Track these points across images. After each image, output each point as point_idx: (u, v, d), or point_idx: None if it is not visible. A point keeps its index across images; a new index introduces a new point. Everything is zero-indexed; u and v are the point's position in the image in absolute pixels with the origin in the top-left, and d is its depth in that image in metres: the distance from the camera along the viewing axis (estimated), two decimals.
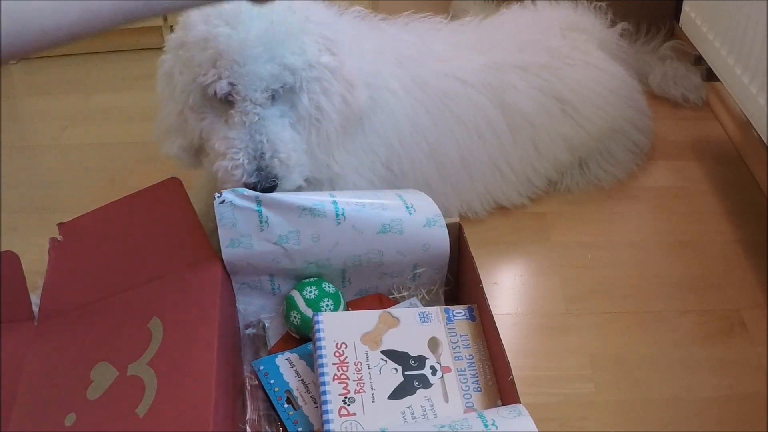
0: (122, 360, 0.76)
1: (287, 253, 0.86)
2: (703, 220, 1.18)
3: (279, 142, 0.87)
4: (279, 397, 0.77)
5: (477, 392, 0.76)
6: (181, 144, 0.94)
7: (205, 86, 0.86)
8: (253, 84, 0.85)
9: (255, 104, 0.86)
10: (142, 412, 0.69)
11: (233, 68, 0.84)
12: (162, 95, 0.95)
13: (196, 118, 0.91)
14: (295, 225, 0.85)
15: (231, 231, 0.84)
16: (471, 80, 1.09)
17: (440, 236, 0.90)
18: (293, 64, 0.87)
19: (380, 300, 0.91)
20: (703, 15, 1.22)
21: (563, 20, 1.25)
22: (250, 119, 0.86)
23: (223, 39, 0.83)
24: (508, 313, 1.02)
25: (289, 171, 0.88)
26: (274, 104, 0.89)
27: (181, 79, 0.89)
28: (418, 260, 0.90)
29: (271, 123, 0.87)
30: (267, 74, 0.85)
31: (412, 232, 0.88)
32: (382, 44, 1.04)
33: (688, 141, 1.35)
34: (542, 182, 1.20)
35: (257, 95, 0.85)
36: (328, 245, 0.87)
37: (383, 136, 1.01)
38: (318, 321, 0.78)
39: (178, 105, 0.91)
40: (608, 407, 0.89)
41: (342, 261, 0.88)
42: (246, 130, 0.86)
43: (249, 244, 0.85)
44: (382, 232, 0.87)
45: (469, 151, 1.10)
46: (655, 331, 0.99)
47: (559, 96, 1.15)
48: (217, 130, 0.89)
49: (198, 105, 0.90)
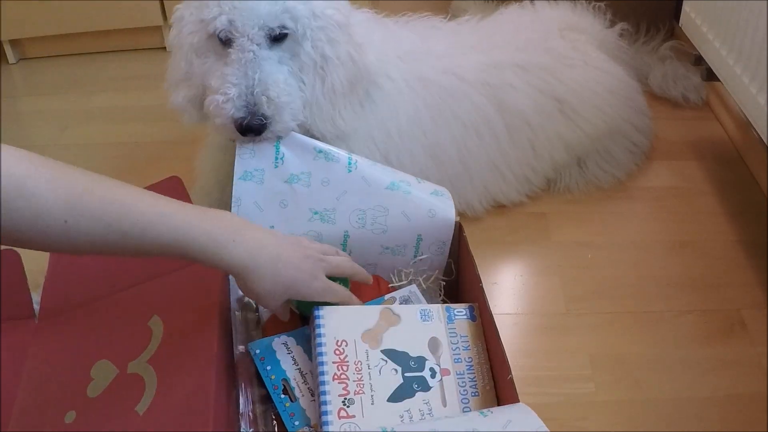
0: (122, 358, 0.76)
1: (295, 195, 0.87)
2: (703, 220, 1.18)
3: (271, 81, 0.87)
4: (275, 386, 0.76)
5: (475, 396, 0.76)
6: (187, 94, 0.95)
7: (207, 24, 0.87)
8: (250, 20, 0.86)
9: (252, 42, 0.86)
10: (141, 410, 0.69)
11: (233, 4, 0.85)
12: (173, 43, 0.95)
13: (199, 63, 0.92)
14: (309, 166, 0.87)
15: (247, 162, 0.86)
16: (469, 78, 1.10)
17: (446, 205, 0.90)
18: (295, 9, 0.87)
19: (378, 282, 0.90)
20: (703, 15, 1.22)
21: (562, 20, 1.25)
22: (246, 57, 0.86)
23: None
24: (508, 313, 1.02)
25: (279, 111, 0.88)
26: (273, 48, 0.89)
27: (189, 20, 0.91)
28: (422, 229, 0.90)
29: (266, 63, 0.88)
30: (265, 12, 0.86)
31: (418, 195, 0.89)
32: (385, 38, 1.05)
33: (688, 141, 1.36)
34: (540, 181, 1.20)
35: (254, 33, 0.86)
36: (336, 192, 0.87)
37: (381, 123, 1.02)
38: (318, 316, 0.78)
39: (185, 50, 0.92)
40: (608, 407, 0.89)
41: (347, 217, 0.88)
42: (241, 67, 0.87)
43: (261, 178, 0.86)
44: (390, 188, 0.88)
45: (467, 148, 1.10)
46: (655, 331, 0.99)
47: (557, 96, 1.15)
48: (216, 68, 0.90)
49: (202, 47, 0.91)
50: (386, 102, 1.02)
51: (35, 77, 1.65)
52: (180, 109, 0.97)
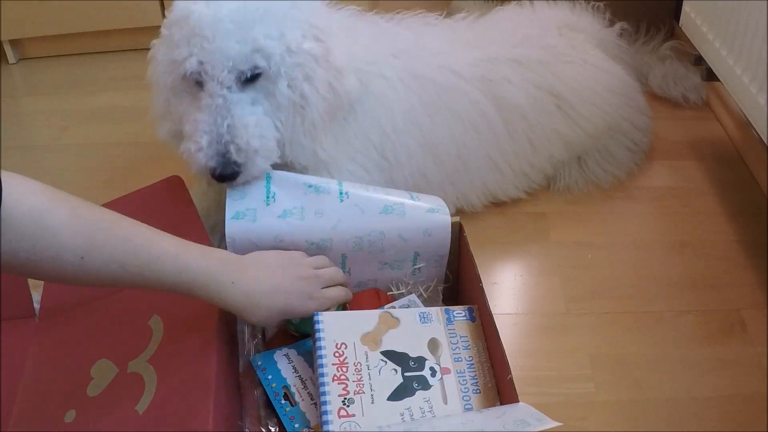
0: (123, 357, 0.76)
1: (290, 229, 0.86)
2: (703, 220, 1.18)
3: (241, 126, 0.85)
4: (276, 393, 0.77)
5: (476, 394, 0.76)
6: (170, 129, 0.94)
7: (179, 65, 0.86)
8: (219, 62, 0.83)
9: (222, 86, 0.84)
10: (141, 409, 0.69)
11: (203, 45, 0.83)
12: (150, 80, 0.95)
13: (175, 102, 0.91)
14: (301, 201, 0.87)
15: (237, 204, 0.86)
16: (465, 74, 1.09)
17: (442, 223, 0.90)
18: (266, 48, 0.85)
19: (378, 295, 0.90)
20: (703, 15, 1.22)
21: (560, 19, 1.25)
22: (216, 102, 0.85)
23: (197, 15, 0.83)
24: (508, 313, 1.02)
25: (250, 158, 0.86)
26: (246, 90, 0.87)
27: (163, 60, 0.89)
28: (419, 248, 0.91)
29: (236, 107, 0.85)
30: (235, 53, 0.83)
31: (413, 215, 0.89)
32: (376, 37, 1.05)
33: (688, 141, 1.36)
34: (539, 177, 1.20)
35: (224, 75, 0.84)
36: (331, 222, 0.87)
37: (376, 122, 1.01)
38: (318, 321, 0.78)
39: (161, 89, 0.91)
40: (608, 407, 0.89)
41: (344, 242, 0.88)
42: (211, 113, 0.85)
43: (253, 216, 0.85)
44: (384, 212, 0.88)
45: (464, 143, 1.10)
46: (655, 331, 0.99)
47: (554, 92, 1.15)
48: (189, 112, 0.88)
49: (177, 87, 0.89)
50: (380, 102, 1.01)
51: (35, 77, 1.65)
52: (165, 142, 0.96)
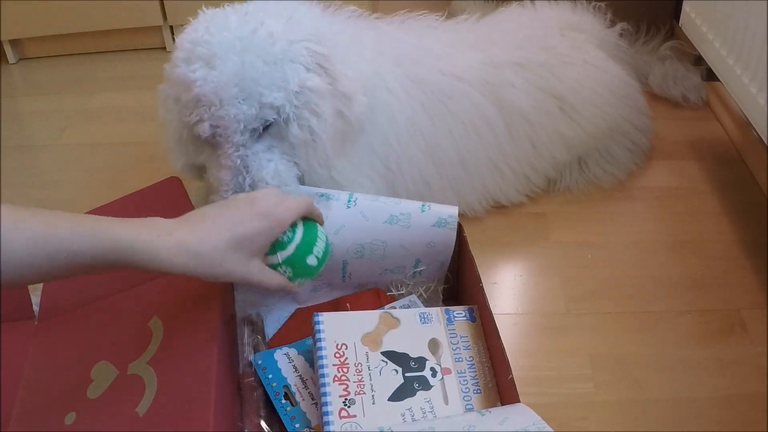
0: (122, 359, 0.76)
1: None
2: (703, 220, 1.18)
3: (261, 182, 0.87)
4: (276, 393, 0.77)
5: (477, 394, 0.76)
6: (185, 162, 0.96)
7: (191, 128, 0.87)
8: (231, 126, 0.84)
9: (237, 146, 0.85)
10: (142, 411, 0.69)
11: (212, 111, 0.83)
12: (163, 120, 0.95)
13: (194, 150, 0.92)
14: None
15: None
16: (468, 77, 1.09)
17: (447, 236, 0.90)
18: (273, 102, 0.85)
19: (378, 295, 0.91)
20: (703, 15, 1.22)
21: (562, 20, 1.24)
22: (234, 162, 0.86)
23: (200, 82, 0.83)
24: (508, 313, 1.02)
25: None
26: (260, 139, 0.88)
27: (175, 114, 0.90)
28: (420, 255, 0.91)
29: (254, 163, 0.86)
30: (244, 115, 0.84)
31: (419, 228, 0.89)
32: (379, 43, 1.04)
33: (688, 141, 1.36)
34: (540, 180, 1.20)
35: (237, 137, 0.85)
36: (333, 226, 0.87)
37: (381, 134, 1.01)
38: (318, 321, 0.78)
39: (177, 134, 0.91)
40: (608, 407, 0.89)
41: (345, 248, 0.88)
42: (231, 172, 0.86)
43: None
44: (389, 222, 0.88)
45: (466, 148, 1.10)
46: (655, 331, 0.99)
47: (556, 94, 1.15)
48: (212, 164, 0.90)
49: (193, 139, 0.90)
50: (385, 114, 1.01)
51: (35, 77, 1.65)
52: (180, 172, 0.98)
